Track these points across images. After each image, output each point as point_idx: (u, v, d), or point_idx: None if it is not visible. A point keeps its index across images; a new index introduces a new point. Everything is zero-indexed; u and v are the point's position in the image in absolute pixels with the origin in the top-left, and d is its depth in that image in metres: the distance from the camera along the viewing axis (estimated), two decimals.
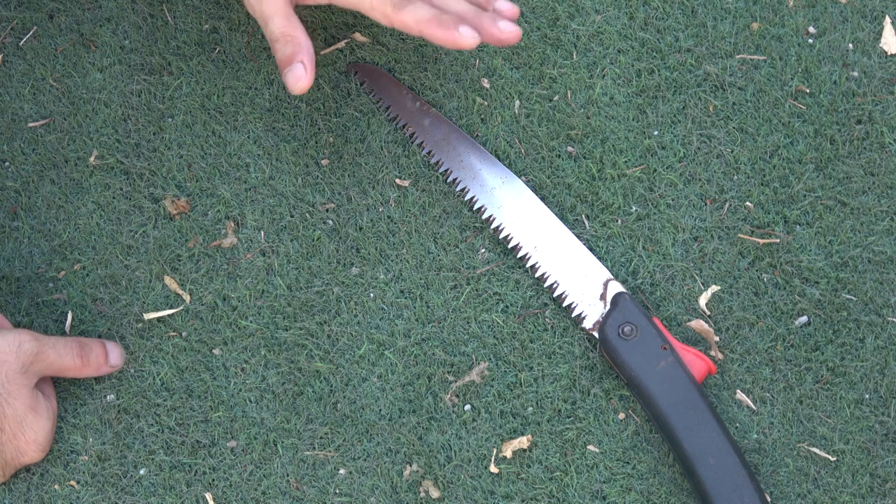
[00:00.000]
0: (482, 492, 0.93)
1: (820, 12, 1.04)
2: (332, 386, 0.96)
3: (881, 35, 1.03)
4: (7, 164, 1.03)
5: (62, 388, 0.96)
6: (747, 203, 0.99)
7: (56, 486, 0.94)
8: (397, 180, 1.01)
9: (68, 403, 0.96)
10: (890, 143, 1.00)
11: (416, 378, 0.96)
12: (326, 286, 0.98)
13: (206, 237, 1.00)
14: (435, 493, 0.93)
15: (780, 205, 0.99)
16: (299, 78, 0.94)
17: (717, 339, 0.96)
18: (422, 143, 1.02)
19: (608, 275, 0.96)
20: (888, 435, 0.93)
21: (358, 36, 1.05)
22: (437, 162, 1.01)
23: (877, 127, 1.01)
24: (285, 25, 0.95)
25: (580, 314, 0.96)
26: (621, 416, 0.95)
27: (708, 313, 0.97)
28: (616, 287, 0.96)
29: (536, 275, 0.98)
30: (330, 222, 1.00)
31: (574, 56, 1.04)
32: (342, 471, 0.94)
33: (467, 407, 0.95)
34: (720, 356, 0.95)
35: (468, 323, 0.97)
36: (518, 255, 0.98)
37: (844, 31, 1.03)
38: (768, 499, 0.92)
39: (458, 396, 0.95)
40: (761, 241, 0.98)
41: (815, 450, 0.93)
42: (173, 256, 1.00)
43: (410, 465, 0.94)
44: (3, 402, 0.89)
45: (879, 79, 1.02)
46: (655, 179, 1.00)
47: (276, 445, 0.95)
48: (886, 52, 1.03)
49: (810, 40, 1.03)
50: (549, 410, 0.95)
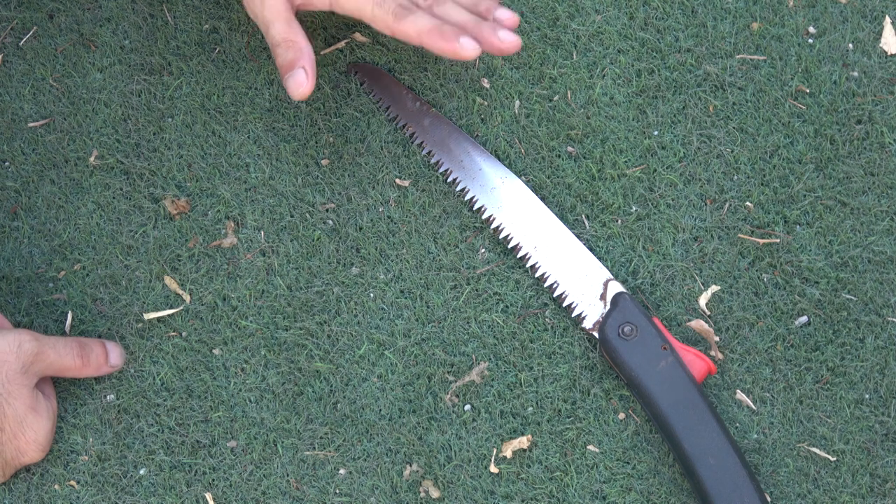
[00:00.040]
0: (482, 492, 0.93)
1: (820, 12, 1.04)
2: (332, 386, 0.96)
3: (881, 35, 1.03)
4: (7, 164, 1.03)
5: (62, 388, 0.96)
6: (747, 203, 0.99)
7: (56, 486, 0.94)
8: (397, 180, 1.01)
9: (68, 403, 0.96)
10: (890, 143, 1.00)
11: (416, 378, 0.96)
12: (326, 286, 0.98)
13: (206, 237, 1.00)
14: (435, 493, 0.93)
15: (780, 205, 0.99)
16: (300, 84, 0.94)
17: (717, 339, 0.96)
18: (422, 143, 1.02)
19: (608, 275, 0.96)
20: (888, 435, 0.93)
21: (358, 36, 1.05)
22: (437, 162, 1.01)
23: (877, 127, 1.01)
24: (286, 31, 0.95)
25: (580, 314, 0.96)
26: (621, 416, 0.95)
27: (708, 313, 0.97)
28: (616, 287, 0.96)
29: (536, 275, 0.98)
30: (330, 222, 1.00)
31: (574, 56, 1.04)
32: (342, 471, 0.94)
33: (467, 407, 0.95)
34: (720, 356, 0.95)
35: (468, 323, 0.97)
36: (518, 255, 0.98)
37: (844, 31, 1.03)
38: (768, 499, 0.92)
39: (458, 396, 0.95)
40: (761, 241, 0.98)
41: (815, 450, 0.93)
42: (173, 256, 1.00)
43: (410, 465, 0.94)
44: (3, 402, 0.89)
45: (879, 79, 1.02)
46: (655, 179, 1.00)
47: (276, 445, 0.95)
48: (886, 52, 1.03)
49: (810, 40, 1.03)
50: (549, 410, 0.95)
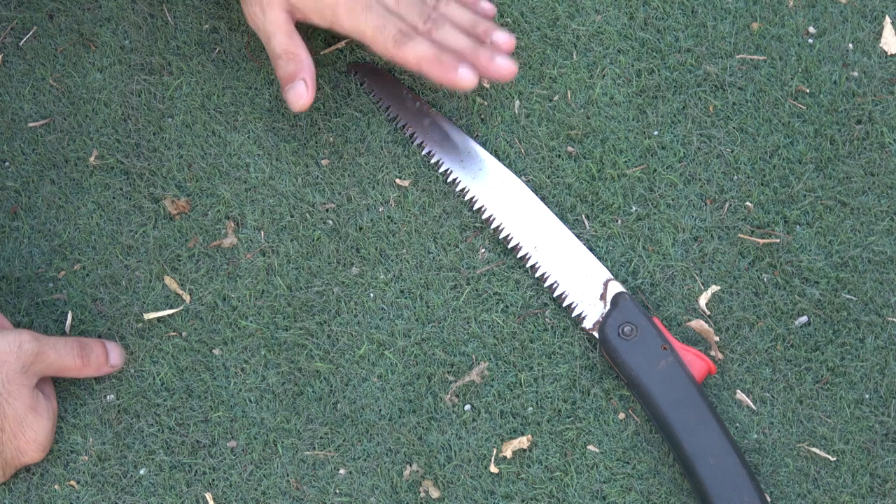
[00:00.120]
0: (482, 492, 0.93)
1: (820, 12, 1.04)
2: (332, 386, 0.96)
3: (881, 35, 1.03)
4: (7, 164, 1.03)
5: (62, 388, 0.96)
6: (747, 203, 0.99)
7: (56, 486, 0.94)
8: (397, 180, 1.01)
9: (68, 403, 0.96)
10: (890, 143, 1.00)
11: (416, 378, 0.96)
12: (326, 286, 0.98)
13: (206, 237, 1.00)
14: (435, 493, 0.93)
15: (780, 205, 0.99)
16: (301, 95, 0.96)
17: (717, 339, 0.96)
18: (422, 143, 1.02)
19: (608, 275, 0.96)
20: (888, 435, 0.93)
21: None
22: (437, 162, 1.01)
23: (877, 127, 1.01)
24: (287, 43, 0.97)
25: (580, 314, 0.96)
26: (621, 416, 0.95)
27: (708, 313, 0.97)
28: (616, 287, 0.96)
29: (536, 275, 0.98)
30: (330, 222, 1.00)
31: (574, 56, 1.04)
32: (342, 471, 0.94)
33: (467, 407, 0.95)
34: (720, 356, 0.95)
35: (468, 323, 0.97)
36: (518, 255, 0.98)
37: (844, 31, 1.03)
38: (768, 499, 0.92)
39: (458, 396, 0.95)
40: (761, 241, 0.98)
41: (815, 450, 0.93)
42: (173, 256, 1.00)
43: (410, 465, 0.94)
44: (3, 402, 0.89)
45: (879, 79, 1.02)
46: (655, 179, 1.00)
47: (276, 445, 0.95)
48: (886, 52, 1.03)
49: (810, 40, 1.03)
50: (549, 410, 0.95)
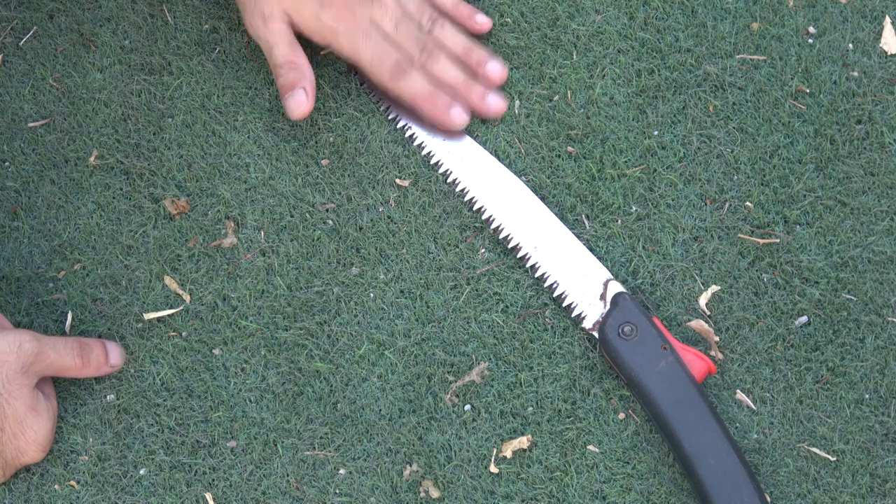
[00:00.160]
0: (482, 492, 0.93)
1: (820, 12, 1.04)
2: (332, 386, 0.96)
3: (881, 35, 1.03)
4: (7, 164, 1.03)
5: (62, 388, 0.96)
6: (747, 203, 0.99)
7: (56, 486, 0.94)
8: (397, 180, 1.01)
9: (68, 403, 0.96)
10: (890, 143, 1.00)
11: (416, 378, 0.96)
12: (326, 286, 0.98)
13: (206, 237, 1.00)
14: (435, 493, 0.93)
15: (780, 205, 0.99)
16: (300, 104, 0.97)
17: (717, 339, 0.96)
18: (422, 143, 1.02)
19: (608, 275, 0.96)
20: (888, 435, 0.93)
21: None
22: (437, 162, 1.01)
23: (877, 127, 1.01)
24: (289, 53, 0.98)
25: (580, 314, 0.96)
26: (621, 416, 0.95)
27: (708, 313, 0.97)
28: (616, 287, 0.96)
29: (536, 275, 0.98)
30: (330, 222, 1.00)
31: (574, 56, 1.04)
32: (342, 471, 0.94)
33: (467, 407, 0.95)
34: (720, 356, 0.95)
35: (468, 323, 0.97)
36: (518, 255, 0.98)
37: (844, 31, 1.03)
38: (768, 499, 0.92)
39: (458, 396, 0.95)
40: (761, 241, 0.98)
41: (815, 450, 0.93)
42: (173, 256, 1.00)
43: (410, 465, 0.94)
44: (3, 402, 0.89)
45: (879, 79, 1.02)
46: (655, 179, 1.00)
47: (276, 445, 0.95)
48: (886, 52, 1.03)
49: (810, 40, 1.03)
50: (549, 410, 0.95)
